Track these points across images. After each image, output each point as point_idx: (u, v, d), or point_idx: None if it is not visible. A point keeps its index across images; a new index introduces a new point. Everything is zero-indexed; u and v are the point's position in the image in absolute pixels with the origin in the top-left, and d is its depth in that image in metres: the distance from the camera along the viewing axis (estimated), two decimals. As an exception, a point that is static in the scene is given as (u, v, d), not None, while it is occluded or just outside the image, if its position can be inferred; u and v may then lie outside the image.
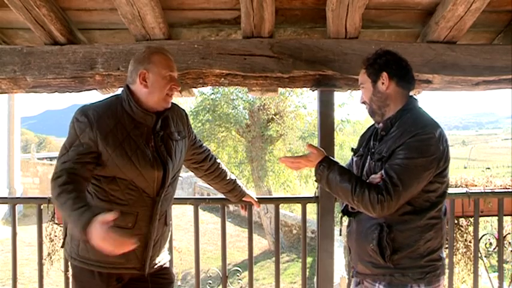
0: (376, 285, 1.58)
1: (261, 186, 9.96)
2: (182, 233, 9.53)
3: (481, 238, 2.48)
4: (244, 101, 9.75)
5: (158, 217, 1.66)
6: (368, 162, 1.62)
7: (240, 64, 2.19)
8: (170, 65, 1.64)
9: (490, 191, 2.48)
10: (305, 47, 2.20)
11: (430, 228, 1.53)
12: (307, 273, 2.47)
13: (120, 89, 2.16)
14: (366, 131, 1.79)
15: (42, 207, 2.39)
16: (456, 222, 2.52)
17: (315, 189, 2.38)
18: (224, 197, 2.18)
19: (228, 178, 2.06)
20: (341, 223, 1.85)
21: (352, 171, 1.63)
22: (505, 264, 2.84)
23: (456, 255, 2.52)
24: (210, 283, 2.47)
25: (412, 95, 1.66)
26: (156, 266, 1.73)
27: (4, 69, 2.22)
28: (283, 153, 10.13)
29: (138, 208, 1.60)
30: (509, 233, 2.62)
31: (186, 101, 11.34)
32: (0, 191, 11.16)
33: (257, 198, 2.20)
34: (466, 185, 2.64)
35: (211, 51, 2.18)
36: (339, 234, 1.87)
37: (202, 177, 2.06)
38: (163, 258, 1.79)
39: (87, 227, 1.31)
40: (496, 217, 2.47)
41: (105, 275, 1.61)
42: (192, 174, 2.05)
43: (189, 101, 11.27)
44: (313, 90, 2.38)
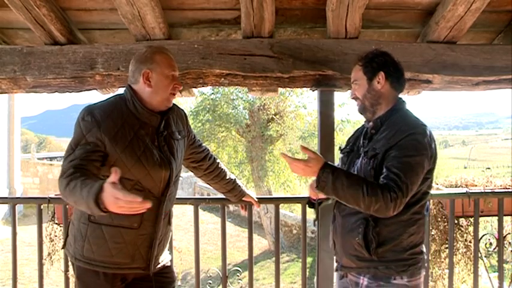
0: (361, 278, 1.62)
1: (261, 186, 9.95)
2: (182, 233, 9.52)
3: (481, 238, 2.48)
4: (244, 101, 9.74)
5: (163, 216, 1.67)
6: (360, 159, 1.64)
7: (240, 64, 2.19)
8: (172, 64, 1.65)
9: (490, 191, 2.48)
10: (305, 47, 2.20)
11: (414, 223, 1.58)
12: (307, 273, 2.47)
13: (120, 89, 2.16)
14: (354, 132, 1.83)
15: (42, 207, 2.39)
16: (456, 222, 2.52)
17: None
18: (224, 197, 2.17)
19: (227, 178, 2.06)
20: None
21: (357, 174, 1.61)
22: (505, 264, 2.84)
23: (456, 255, 2.52)
24: (210, 283, 2.47)
25: (401, 97, 1.71)
26: (160, 265, 1.74)
27: (4, 69, 2.22)
28: (283, 153, 10.10)
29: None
30: (509, 233, 2.63)
31: (186, 101, 11.32)
32: (0, 191, 11.16)
33: (257, 198, 2.20)
34: (466, 185, 2.64)
35: (212, 51, 2.18)
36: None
37: (201, 177, 2.06)
38: (165, 258, 1.80)
39: (98, 196, 1.25)
40: (496, 217, 2.47)
41: (110, 276, 1.61)
42: (192, 174, 2.05)
43: (189, 101, 11.26)
44: (313, 90, 2.38)
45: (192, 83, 2.29)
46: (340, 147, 1.84)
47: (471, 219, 2.50)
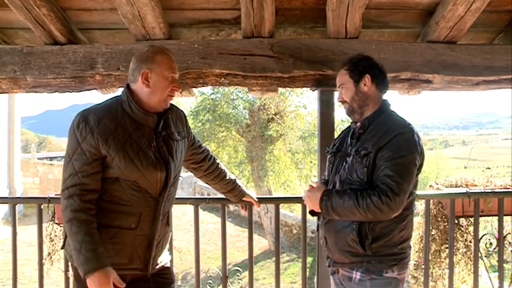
0: (354, 272, 1.69)
1: (261, 186, 9.94)
2: (182, 233, 9.52)
3: (481, 238, 2.48)
4: (244, 100, 9.73)
5: (161, 217, 1.66)
6: (351, 158, 1.70)
7: (240, 64, 2.19)
8: (173, 66, 1.64)
9: (490, 190, 2.48)
10: (305, 47, 2.20)
11: (404, 219, 1.67)
12: (308, 273, 2.47)
13: (121, 89, 2.16)
14: (340, 134, 1.93)
15: (42, 207, 2.39)
16: (456, 222, 2.52)
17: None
18: (224, 197, 2.17)
19: (227, 178, 2.06)
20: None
21: (347, 188, 1.68)
22: (505, 264, 2.84)
23: (456, 255, 2.52)
24: (210, 283, 2.46)
25: (385, 98, 1.79)
26: (158, 266, 1.74)
27: (4, 69, 2.22)
28: (283, 153, 10.13)
29: (141, 209, 1.60)
30: (510, 233, 2.62)
31: (186, 101, 11.34)
32: (1, 190, 11.15)
33: (257, 198, 2.20)
34: (466, 185, 2.64)
35: (212, 51, 2.18)
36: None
37: (201, 177, 2.06)
38: (164, 258, 1.79)
39: (90, 273, 1.46)
40: (496, 217, 2.47)
41: None
42: (192, 174, 2.05)
43: (189, 100, 11.27)
44: (314, 90, 2.39)
45: (192, 82, 2.29)
46: (326, 149, 1.93)
47: (471, 219, 2.50)
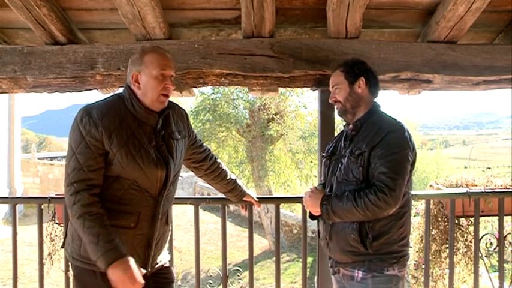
0: (355, 271, 1.73)
1: (261, 186, 9.94)
2: (182, 232, 9.52)
3: (481, 238, 2.48)
4: (244, 100, 9.73)
5: (160, 216, 1.66)
6: (346, 159, 1.74)
7: (241, 64, 2.19)
8: (162, 63, 1.61)
9: (490, 190, 2.48)
10: (305, 47, 2.20)
11: (401, 217, 1.71)
12: (308, 273, 2.47)
13: (121, 88, 2.16)
14: (333, 138, 1.98)
15: (42, 207, 2.39)
16: (457, 222, 2.52)
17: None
18: (224, 196, 2.17)
19: (228, 178, 2.06)
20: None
21: (345, 190, 1.71)
22: (505, 264, 2.84)
23: (457, 255, 2.52)
24: (210, 283, 2.46)
25: (376, 101, 1.84)
26: (157, 265, 1.74)
27: (4, 69, 2.22)
28: (283, 153, 10.13)
29: (141, 208, 1.60)
30: (510, 233, 2.62)
31: (187, 101, 11.33)
32: (1, 190, 11.15)
33: (257, 198, 2.20)
34: (467, 185, 2.64)
35: (212, 51, 2.18)
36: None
37: (202, 176, 2.06)
38: (164, 258, 1.79)
39: (112, 264, 1.46)
40: (497, 217, 2.47)
41: (107, 275, 1.61)
42: (193, 174, 2.06)
43: (190, 100, 11.26)
44: (314, 90, 2.38)
45: (193, 82, 2.29)
46: (321, 154, 1.98)
47: (471, 219, 2.50)
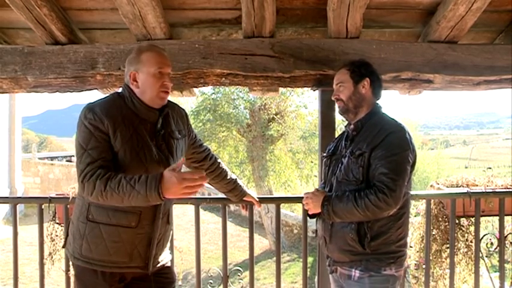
0: (353, 270, 1.74)
1: (262, 186, 9.93)
2: (183, 232, 9.52)
3: (482, 238, 2.48)
4: (245, 100, 9.72)
5: (161, 216, 1.66)
6: (347, 159, 1.75)
7: (241, 64, 2.19)
8: (159, 61, 1.61)
9: (491, 190, 2.48)
10: (306, 47, 2.20)
11: (400, 217, 1.73)
12: (308, 273, 2.47)
13: (121, 88, 2.16)
14: (334, 139, 2.00)
15: (43, 206, 2.39)
16: (457, 222, 2.51)
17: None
18: (225, 196, 2.17)
19: (228, 178, 2.06)
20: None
21: (346, 190, 1.72)
22: (506, 264, 2.84)
23: (457, 255, 2.51)
24: (211, 283, 2.46)
25: (377, 102, 1.85)
26: (159, 265, 1.74)
27: (5, 69, 2.22)
28: (284, 153, 10.13)
29: (142, 207, 1.60)
30: (511, 233, 2.62)
31: (187, 101, 11.33)
32: (1, 190, 11.16)
33: (258, 197, 2.20)
34: (467, 185, 2.63)
35: (212, 50, 2.18)
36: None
37: (202, 176, 2.05)
38: (165, 257, 1.79)
39: (159, 185, 1.37)
40: (497, 217, 2.47)
41: (108, 275, 1.61)
42: (193, 174, 2.04)
43: (190, 100, 11.26)
44: (314, 90, 2.38)
45: (193, 82, 2.29)
46: (322, 154, 2.00)
47: (472, 219, 2.50)
